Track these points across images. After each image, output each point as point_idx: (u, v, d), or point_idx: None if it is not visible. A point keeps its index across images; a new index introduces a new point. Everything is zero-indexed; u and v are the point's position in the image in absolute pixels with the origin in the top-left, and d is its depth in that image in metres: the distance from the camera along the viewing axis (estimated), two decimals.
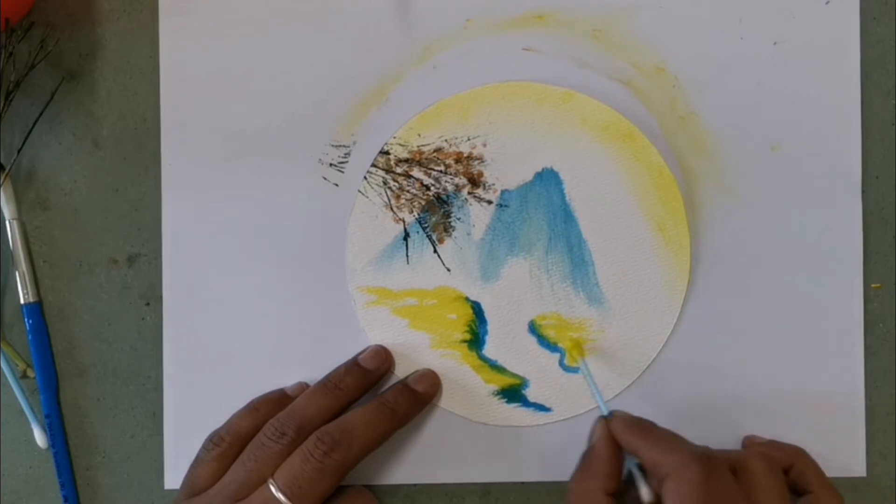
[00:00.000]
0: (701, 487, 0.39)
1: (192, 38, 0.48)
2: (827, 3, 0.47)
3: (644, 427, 0.43)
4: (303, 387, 0.47)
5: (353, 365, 0.46)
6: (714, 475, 0.40)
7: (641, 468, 0.42)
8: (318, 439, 0.43)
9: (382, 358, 0.47)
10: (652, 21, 0.48)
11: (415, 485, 0.48)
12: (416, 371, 0.47)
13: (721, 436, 0.47)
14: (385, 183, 0.48)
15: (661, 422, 0.47)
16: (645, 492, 0.42)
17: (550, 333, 0.47)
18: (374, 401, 0.45)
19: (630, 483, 0.43)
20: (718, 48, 0.47)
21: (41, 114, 0.49)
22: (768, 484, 0.41)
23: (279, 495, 0.41)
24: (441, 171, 0.47)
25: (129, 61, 0.49)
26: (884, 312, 0.48)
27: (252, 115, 0.48)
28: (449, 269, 0.48)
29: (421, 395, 0.46)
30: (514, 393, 0.48)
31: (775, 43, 0.47)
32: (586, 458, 0.43)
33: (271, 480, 0.42)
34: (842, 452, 0.47)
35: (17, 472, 0.50)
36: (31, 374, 0.49)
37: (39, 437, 0.49)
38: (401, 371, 0.48)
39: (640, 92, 0.48)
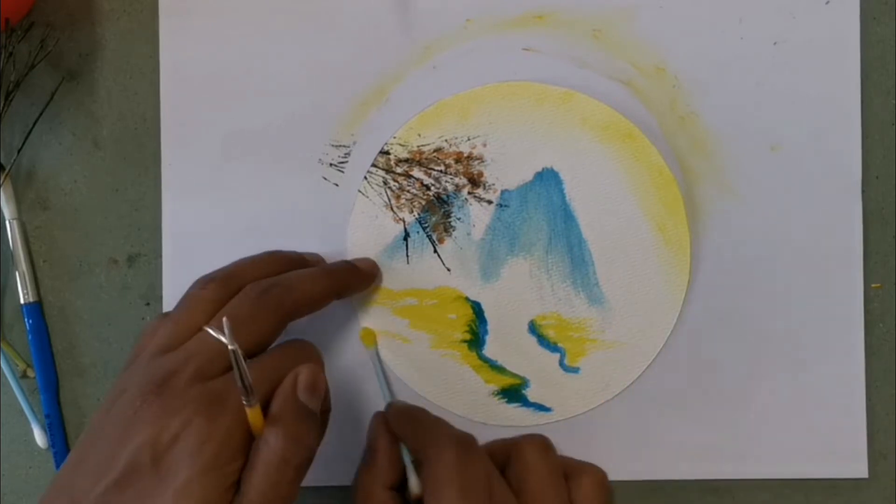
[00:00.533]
0: (454, 469, 0.40)
1: (192, 38, 0.48)
2: (827, 3, 0.47)
3: (412, 415, 0.43)
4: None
5: (292, 251, 0.46)
6: (469, 457, 0.40)
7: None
8: (253, 285, 0.41)
9: (318, 259, 0.47)
10: (652, 21, 0.48)
11: None
12: None
13: (722, 435, 0.47)
14: (385, 183, 0.48)
15: (662, 421, 0.47)
16: (413, 482, 0.42)
17: (550, 333, 0.47)
18: (316, 266, 0.45)
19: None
20: (718, 48, 0.47)
21: (41, 114, 0.49)
22: (539, 466, 0.42)
23: (217, 334, 0.38)
24: (441, 171, 0.48)
25: (129, 61, 0.49)
26: (884, 312, 0.48)
27: (252, 115, 0.48)
28: (449, 269, 0.48)
29: (360, 270, 0.46)
30: (514, 393, 0.48)
31: (775, 43, 0.47)
32: (365, 453, 0.43)
33: (208, 325, 0.39)
34: (842, 453, 0.47)
35: (17, 472, 0.50)
36: (31, 374, 0.49)
37: (39, 437, 0.49)
38: (401, 373, 0.48)
39: (640, 92, 0.48)
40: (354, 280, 0.46)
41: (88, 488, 0.35)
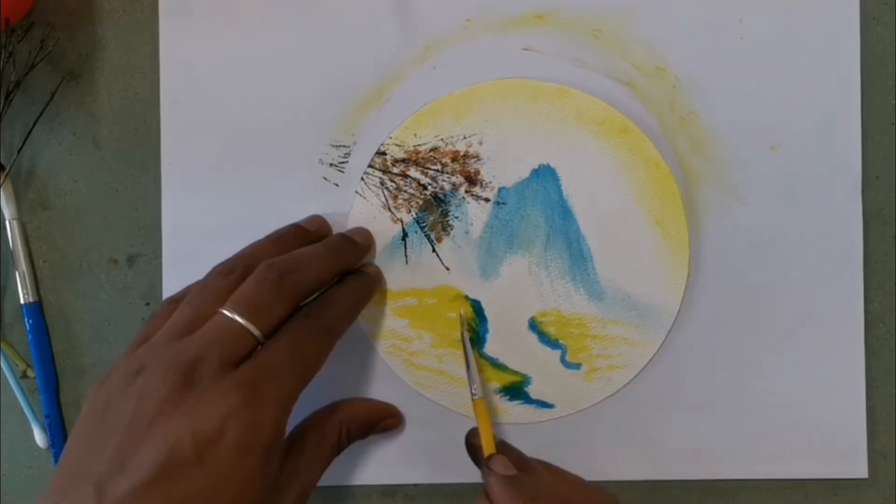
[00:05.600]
0: None
1: (192, 38, 0.48)
2: (827, 3, 0.47)
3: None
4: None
5: (296, 228, 0.46)
6: None
7: None
8: (268, 266, 0.41)
9: (320, 223, 0.47)
10: (652, 21, 0.48)
11: (415, 485, 0.48)
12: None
13: (720, 434, 0.47)
14: (382, 183, 0.48)
15: (662, 421, 0.47)
16: None
17: (551, 330, 0.47)
18: (318, 243, 0.45)
19: None
20: (718, 48, 0.47)
21: (41, 114, 0.49)
22: None
23: (235, 316, 0.39)
24: (438, 171, 0.48)
25: (129, 61, 0.49)
26: (884, 312, 0.47)
27: (252, 114, 0.48)
28: (448, 268, 0.48)
29: (359, 245, 0.46)
30: (515, 390, 0.47)
31: (775, 43, 0.47)
32: None
33: (224, 307, 0.39)
34: (842, 453, 0.47)
35: (17, 472, 0.50)
36: (31, 374, 0.49)
37: (39, 437, 0.49)
38: (402, 373, 0.48)
39: (640, 92, 0.48)
40: (353, 254, 0.46)
41: (112, 476, 0.34)
